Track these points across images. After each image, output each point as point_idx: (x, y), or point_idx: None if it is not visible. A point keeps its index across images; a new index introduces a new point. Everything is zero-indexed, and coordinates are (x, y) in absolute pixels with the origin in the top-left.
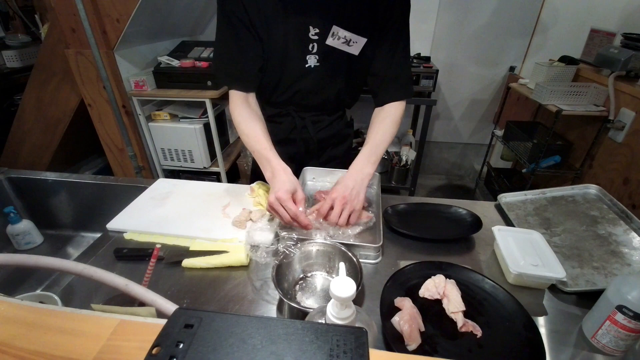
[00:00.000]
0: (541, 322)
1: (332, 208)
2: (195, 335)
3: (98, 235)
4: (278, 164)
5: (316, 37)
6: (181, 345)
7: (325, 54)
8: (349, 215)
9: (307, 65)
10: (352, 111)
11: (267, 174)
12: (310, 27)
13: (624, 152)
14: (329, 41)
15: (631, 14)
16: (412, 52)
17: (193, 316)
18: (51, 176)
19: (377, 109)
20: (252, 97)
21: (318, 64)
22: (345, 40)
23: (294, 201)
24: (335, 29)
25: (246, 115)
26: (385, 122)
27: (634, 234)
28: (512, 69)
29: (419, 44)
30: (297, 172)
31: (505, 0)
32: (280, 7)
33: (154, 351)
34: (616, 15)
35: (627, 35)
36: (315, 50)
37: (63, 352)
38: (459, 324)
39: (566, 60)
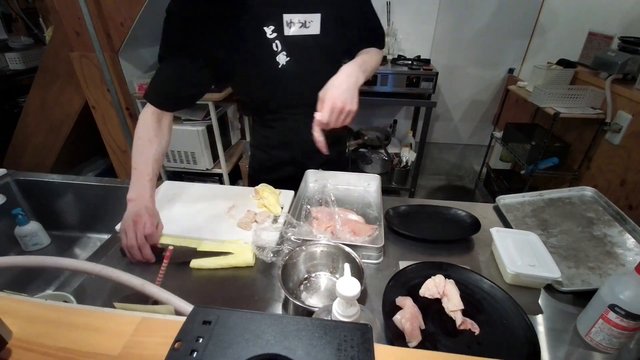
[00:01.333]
0: (537, 320)
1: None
2: (213, 331)
3: (104, 236)
4: (142, 189)
5: (274, 35)
6: (201, 340)
7: (290, 46)
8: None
9: (279, 66)
10: None
11: (131, 194)
12: (264, 29)
13: (621, 154)
14: (287, 31)
15: (629, 17)
16: (412, 55)
17: (210, 313)
18: (58, 178)
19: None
20: (167, 116)
21: (288, 58)
22: (302, 24)
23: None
24: (286, 17)
25: (150, 135)
26: (370, 51)
27: (628, 235)
28: (511, 70)
29: (418, 47)
30: (295, 176)
31: (504, 2)
32: (230, 24)
33: (176, 346)
34: (614, 19)
35: (624, 38)
36: (279, 48)
37: (89, 348)
38: (458, 322)
39: (564, 63)
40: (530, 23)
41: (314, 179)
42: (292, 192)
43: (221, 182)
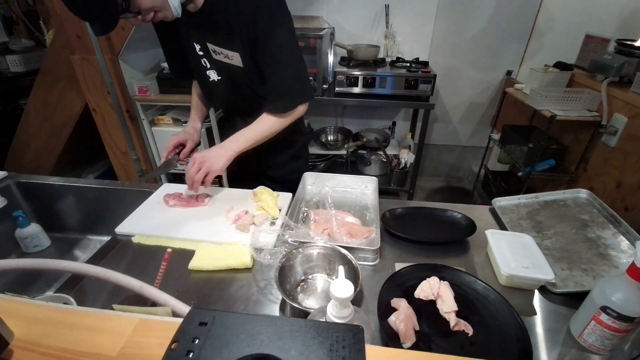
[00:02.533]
0: (531, 321)
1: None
2: (209, 332)
3: (104, 238)
4: (191, 120)
5: (202, 54)
6: (197, 341)
7: (219, 68)
8: (206, 175)
9: (210, 80)
10: (349, 117)
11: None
12: (194, 44)
13: (617, 156)
14: (214, 56)
15: (625, 20)
16: (411, 57)
17: (207, 315)
18: (58, 181)
19: None
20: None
21: (219, 77)
22: (225, 55)
23: (185, 143)
24: (210, 46)
25: (195, 88)
26: (263, 120)
27: (622, 238)
28: (509, 73)
29: (417, 49)
30: (246, 177)
31: (501, 6)
32: (177, 30)
33: (173, 346)
34: (611, 22)
35: (620, 41)
36: (209, 66)
37: (89, 348)
38: (452, 323)
39: (561, 66)
40: (527, 26)
41: (312, 182)
42: (290, 195)
43: (220, 185)
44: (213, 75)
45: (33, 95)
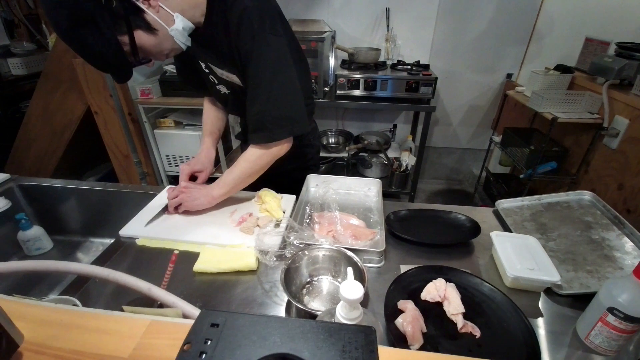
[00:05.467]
0: (537, 323)
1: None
2: (221, 333)
3: (107, 240)
4: (205, 147)
5: (207, 71)
6: (209, 342)
7: (227, 84)
8: (180, 204)
9: (222, 93)
10: (350, 120)
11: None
12: (200, 62)
13: (618, 158)
14: (220, 73)
15: (626, 23)
16: (412, 60)
17: (218, 316)
18: (61, 183)
19: None
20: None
21: (228, 91)
22: (226, 75)
23: (198, 175)
24: (211, 66)
25: (206, 107)
26: (246, 156)
27: (626, 239)
28: (509, 75)
29: (417, 52)
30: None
31: (502, 8)
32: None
33: (185, 347)
34: (611, 25)
35: (620, 44)
36: (217, 82)
37: (100, 350)
38: (459, 325)
39: (561, 68)
40: (527, 29)
41: (315, 184)
42: (293, 197)
43: None
44: (223, 90)
45: (35, 98)
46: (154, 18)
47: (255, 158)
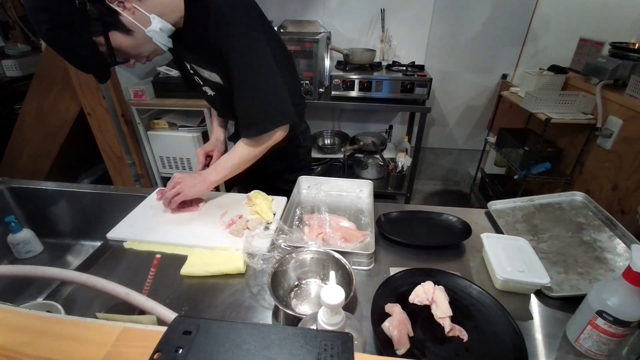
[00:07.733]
0: (527, 326)
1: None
2: (193, 341)
3: (97, 243)
4: (215, 128)
5: (192, 72)
6: (180, 351)
7: (212, 85)
8: (176, 195)
9: (208, 94)
10: (346, 121)
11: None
12: (186, 63)
13: (613, 159)
14: (203, 73)
15: (620, 23)
16: (407, 61)
17: (191, 323)
18: (51, 186)
19: None
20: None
21: (213, 92)
22: (208, 74)
23: (212, 154)
24: (194, 66)
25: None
26: (237, 148)
27: (618, 241)
28: (504, 76)
29: (413, 53)
30: (243, 181)
31: (497, 9)
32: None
33: (155, 356)
34: (605, 25)
35: (614, 44)
36: (202, 83)
37: (70, 359)
38: (447, 329)
39: (555, 69)
40: (522, 29)
41: (307, 185)
42: (284, 199)
43: (217, 189)
44: (209, 91)
45: (28, 99)
46: (130, 20)
47: (249, 150)
